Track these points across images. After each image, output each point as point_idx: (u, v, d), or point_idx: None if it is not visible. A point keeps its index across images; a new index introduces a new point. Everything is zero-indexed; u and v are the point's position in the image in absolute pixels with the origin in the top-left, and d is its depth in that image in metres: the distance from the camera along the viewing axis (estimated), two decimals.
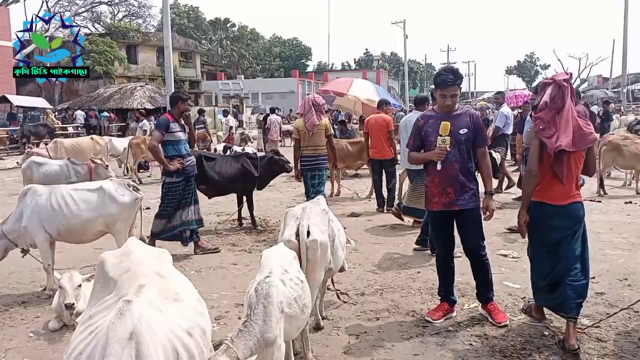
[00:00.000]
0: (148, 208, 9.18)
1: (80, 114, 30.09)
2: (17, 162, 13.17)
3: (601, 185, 10.31)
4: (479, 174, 4.51)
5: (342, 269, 4.53)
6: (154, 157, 6.63)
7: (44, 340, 4.20)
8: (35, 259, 5.42)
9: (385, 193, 9.31)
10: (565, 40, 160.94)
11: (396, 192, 9.42)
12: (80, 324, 2.37)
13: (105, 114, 27.72)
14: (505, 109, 10.56)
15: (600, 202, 9.68)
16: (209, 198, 8.40)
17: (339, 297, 4.95)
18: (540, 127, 3.88)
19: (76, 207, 5.35)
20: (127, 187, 5.64)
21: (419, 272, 5.82)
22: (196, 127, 17.90)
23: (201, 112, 17.08)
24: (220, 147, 12.38)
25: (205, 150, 13.42)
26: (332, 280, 4.82)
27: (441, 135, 4.18)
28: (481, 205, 4.38)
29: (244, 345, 2.69)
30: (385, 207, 9.12)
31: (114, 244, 6.09)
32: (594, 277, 5.47)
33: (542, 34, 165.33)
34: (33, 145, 17.13)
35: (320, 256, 3.74)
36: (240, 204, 8.26)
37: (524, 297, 4.92)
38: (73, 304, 4.24)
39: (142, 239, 5.90)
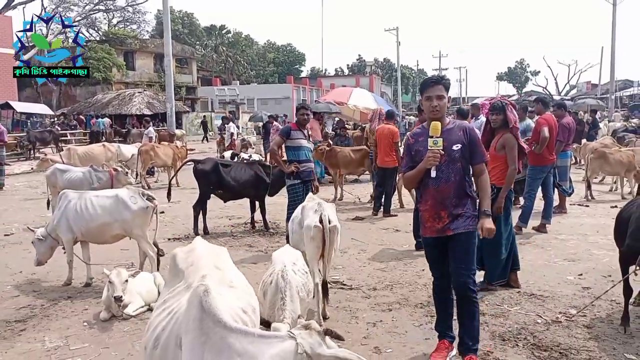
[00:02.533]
0: (162, 212, 9.75)
1: (101, 122, 30.60)
2: (32, 168, 13.64)
3: (588, 188, 10.97)
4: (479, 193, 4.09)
5: None
6: (273, 159, 7.37)
7: (97, 329, 4.74)
8: (78, 258, 5.97)
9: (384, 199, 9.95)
10: (555, 47, 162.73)
11: (395, 198, 10.11)
12: (156, 308, 2.90)
13: (107, 120, 28.12)
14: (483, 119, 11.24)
15: (588, 206, 10.33)
16: (224, 202, 8.97)
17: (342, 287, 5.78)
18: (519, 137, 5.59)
19: (95, 211, 5.93)
20: (141, 196, 6.10)
21: (423, 269, 6.38)
22: (219, 132, 19.26)
23: (225, 119, 18.34)
24: (227, 154, 12.93)
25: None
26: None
27: (432, 137, 3.75)
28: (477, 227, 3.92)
29: (291, 322, 3.32)
30: (380, 212, 9.79)
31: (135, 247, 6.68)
32: (581, 274, 6.14)
33: (532, 40, 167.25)
34: (43, 152, 17.53)
35: (337, 237, 4.89)
36: (253, 208, 8.80)
37: (519, 291, 5.54)
38: (121, 296, 4.79)
39: (155, 244, 6.42)
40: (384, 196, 9.89)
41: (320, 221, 4.76)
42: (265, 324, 3.52)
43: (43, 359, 4.17)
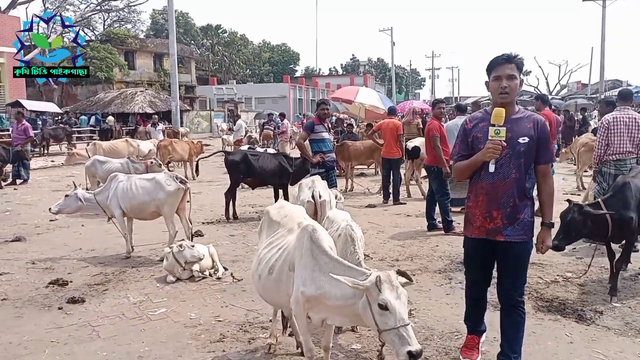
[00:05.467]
0: (188, 201, 10.59)
1: (83, 119, 31.32)
2: (62, 163, 14.41)
3: (580, 180, 11.98)
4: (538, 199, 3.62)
5: None
6: (300, 151, 8.32)
7: (169, 288, 5.58)
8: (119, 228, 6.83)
9: (391, 187, 10.84)
10: (546, 47, 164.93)
11: (402, 187, 11.05)
12: (263, 247, 3.72)
13: (111, 117, 28.83)
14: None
15: (579, 195, 11.25)
16: (252, 189, 9.83)
17: None
18: None
19: (137, 191, 6.90)
20: (174, 180, 7.04)
21: (437, 245, 7.29)
22: (265, 127, 20.41)
23: (270, 115, 19.37)
24: (244, 149, 13.75)
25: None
26: None
27: (493, 125, 3.30)
28: (534, 239, 3.60)
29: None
30: (390, 200, 10.66)
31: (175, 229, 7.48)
32: (574, 248, 7.04)
33: (524, 41, 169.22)
34: (70, 147, 18.28)
35: (327, 209, 5.73)
36: (277, 196, 9.65)
37: None
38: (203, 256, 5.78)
39: (189, 220, 7.31)
40: (392, 185, 10.78)
41: (312, 197, 5.84)
42: None
43: (133, 309, 5.01)
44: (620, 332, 4.41)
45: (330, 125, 15.47)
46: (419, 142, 11.19)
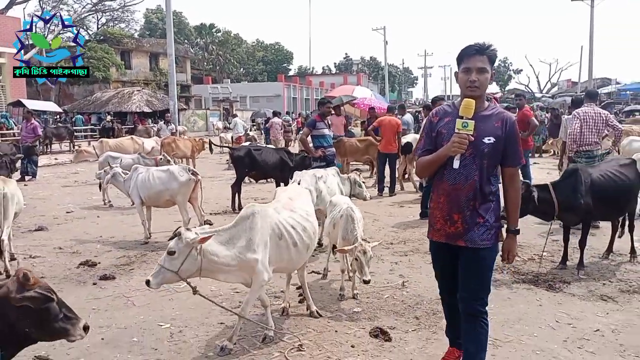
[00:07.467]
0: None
1: (79, 118, 31.87)
2: (71, 160, 14.98)
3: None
4: (505, 203, 3.36)
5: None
6: (303, 146, 9.05)
7: None
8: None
9: (388, 181, 11.57)
10: (537, 46, 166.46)
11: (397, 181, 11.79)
12: None
13: (109, 117, 29.42)
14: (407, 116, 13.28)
15: None
16: (256, 181, 10.51)
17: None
18: None
19: (154, 182, 7.68)
20: (187, 171, 7.85)
21: None
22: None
23: (289, 113, 19.89)
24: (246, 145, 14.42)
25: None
26: None
27: (461, 118, 3.09)
28: (499, 247, 3.31)
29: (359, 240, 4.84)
30: (384, 192, 11.38)
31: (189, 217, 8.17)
32: (552, 232, 7.75)
33: (515, 40, 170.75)
34: (78, 145, 18.86)
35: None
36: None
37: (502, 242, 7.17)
38: None
39: (201, 208, 8.05)
40: (389, 178, 11.50)
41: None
42: (333, 247, 5.16)
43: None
44: (583, 298, 5.14)
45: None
46: (411, 138, 11.91)
